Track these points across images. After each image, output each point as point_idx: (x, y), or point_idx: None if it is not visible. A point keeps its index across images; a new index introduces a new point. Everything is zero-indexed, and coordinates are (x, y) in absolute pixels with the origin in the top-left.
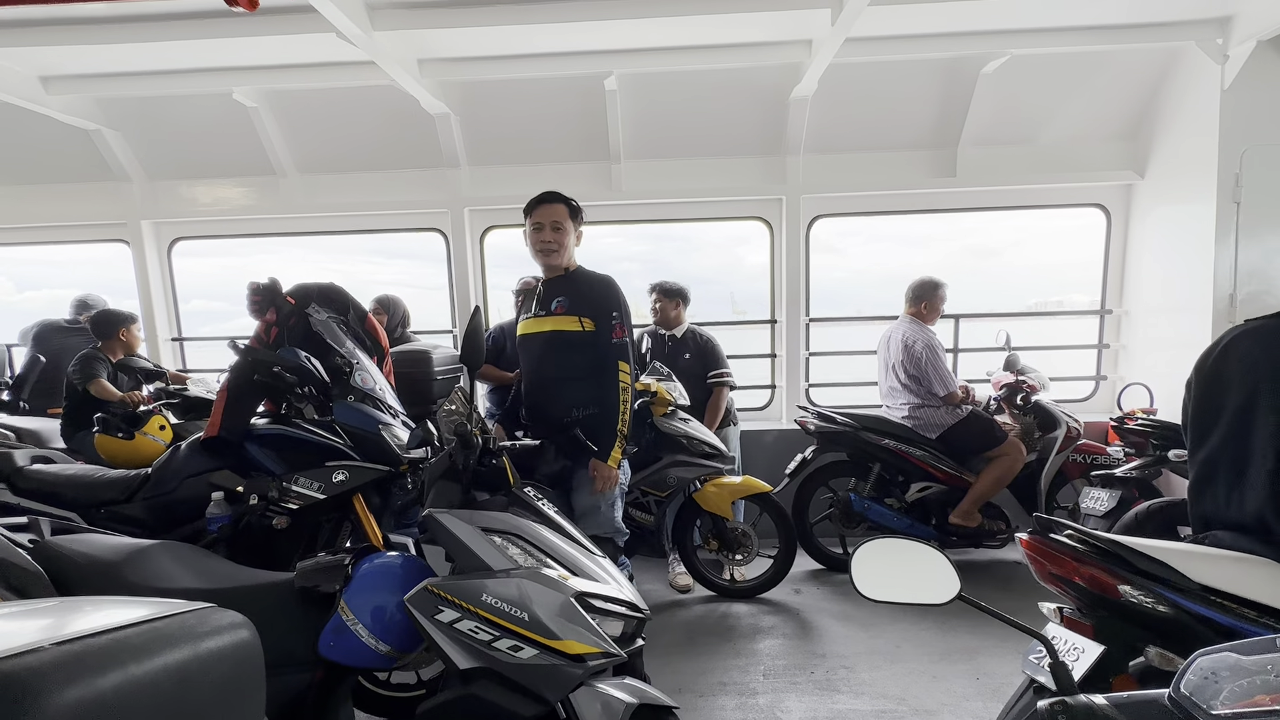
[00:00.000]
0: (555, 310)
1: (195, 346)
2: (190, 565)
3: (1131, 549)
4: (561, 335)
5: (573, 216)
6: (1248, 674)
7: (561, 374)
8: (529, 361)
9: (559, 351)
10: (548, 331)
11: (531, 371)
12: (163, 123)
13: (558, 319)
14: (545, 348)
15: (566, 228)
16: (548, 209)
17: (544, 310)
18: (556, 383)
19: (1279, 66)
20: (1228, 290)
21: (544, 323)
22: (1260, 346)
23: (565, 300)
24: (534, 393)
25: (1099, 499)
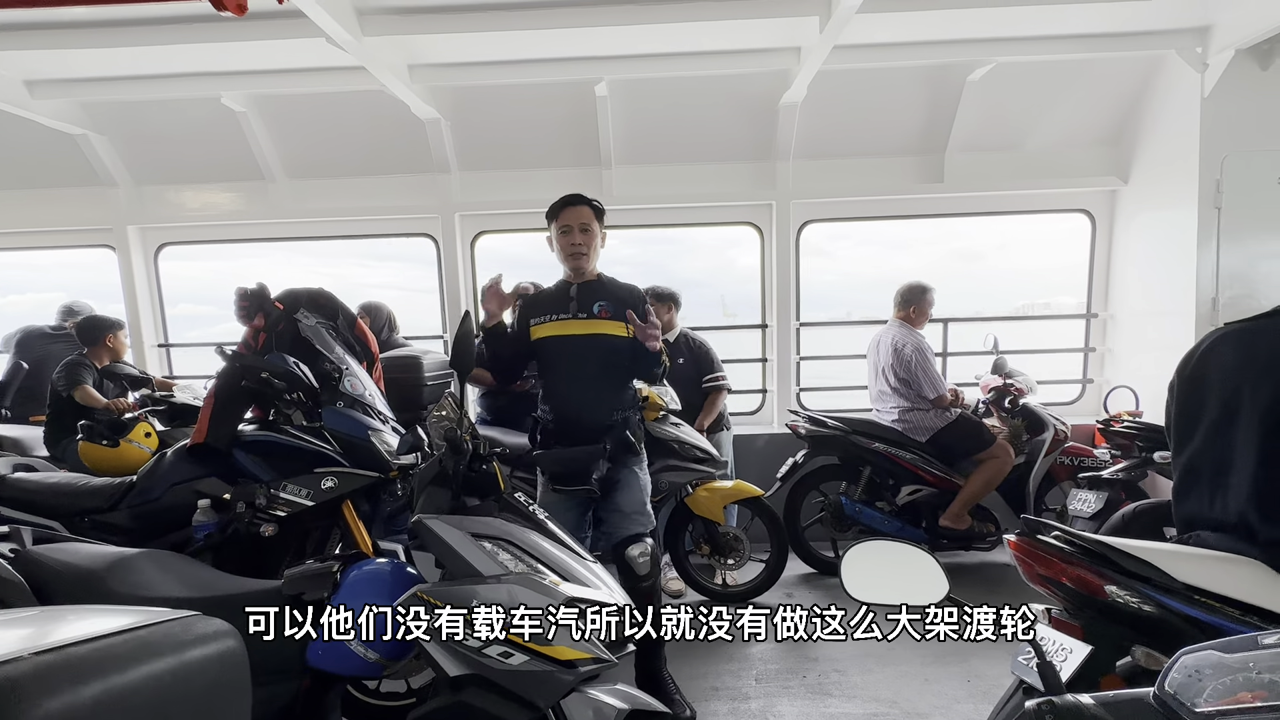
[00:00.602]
0: (600, 314)
1: (182, 352)
2: (175, 574)
3: (1117, 549)
4: (609, 339)
5: (598, 217)
6: (1230, 671)
7: (607, 376)
8: (566, 363)
9: (607, 354)
10: (594, 335)
11: (570, 373)
12: (150, 127)
13: (604, 323)
14: (590, 350)
15: (594, 230)
16: (574, 211)
17: (585, 313)
18: (601, 385)
19: (1257, 75)
20: (1210, 294)
21: (588, 325)
22: (1240, 349)
23: (609, 305)
24: (574, 394)
25: (1086, 501)
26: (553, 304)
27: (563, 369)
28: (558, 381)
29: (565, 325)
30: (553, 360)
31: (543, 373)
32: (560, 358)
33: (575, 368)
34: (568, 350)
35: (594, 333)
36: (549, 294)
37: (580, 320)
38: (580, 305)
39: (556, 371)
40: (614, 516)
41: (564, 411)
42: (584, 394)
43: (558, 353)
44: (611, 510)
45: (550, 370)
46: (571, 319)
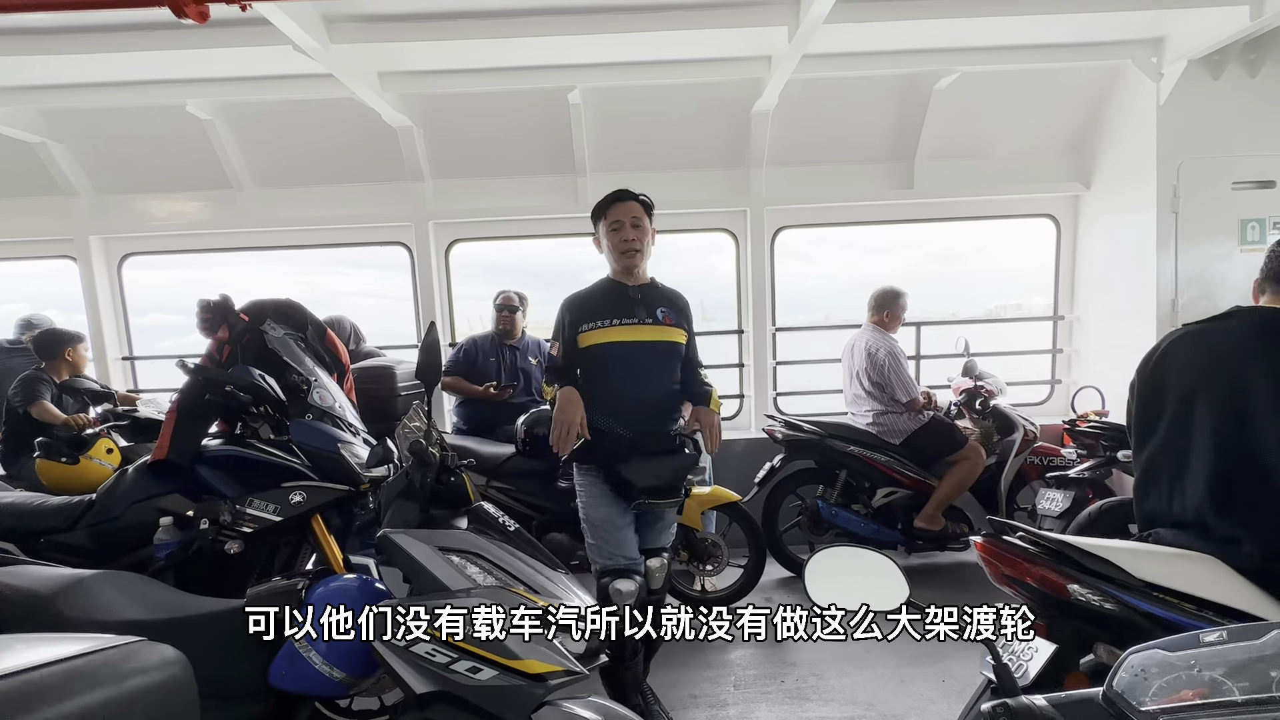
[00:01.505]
0: (665, 320)
1: (148, 365)
2: (134, 595)
3: (1079, 549)
4: (675, 347)
5: (648, 213)
6: (1174, 670)
7: (672, 384)
8: (636, 371)
9: (672, 362)
10: (661, 342)
11: (637, 380)
12: (112, 135)
13: (668, 329)
14: (660, 357)
15: (645, 225)
16: (624, 207)
17: (651, 318)
18: (669, 393)
19: (1209, 84)
20: (1170, 296)
21: (656, 331)
22: (1196, 350)
23: (671, 312)
24: (648, 402)
25: (1054, 500)
26: (612, 308)
27: (632, 377)
28: (625, 390)
29: (633, 331)
30: (617, 368)
31: (600, 381)
32: (629, 365)
33: (647, 376)
34: (638, 357)
35: (662, 340)
36: (600, 297)
37: (648, 326)
38: (647, 309)
39: (623, 380)
40: (655, 529)
41: (638, 422)
42: (656, 402)
43: (625, 360)
44: (654, 521)
45: (613, 378)
46: (639, 324)
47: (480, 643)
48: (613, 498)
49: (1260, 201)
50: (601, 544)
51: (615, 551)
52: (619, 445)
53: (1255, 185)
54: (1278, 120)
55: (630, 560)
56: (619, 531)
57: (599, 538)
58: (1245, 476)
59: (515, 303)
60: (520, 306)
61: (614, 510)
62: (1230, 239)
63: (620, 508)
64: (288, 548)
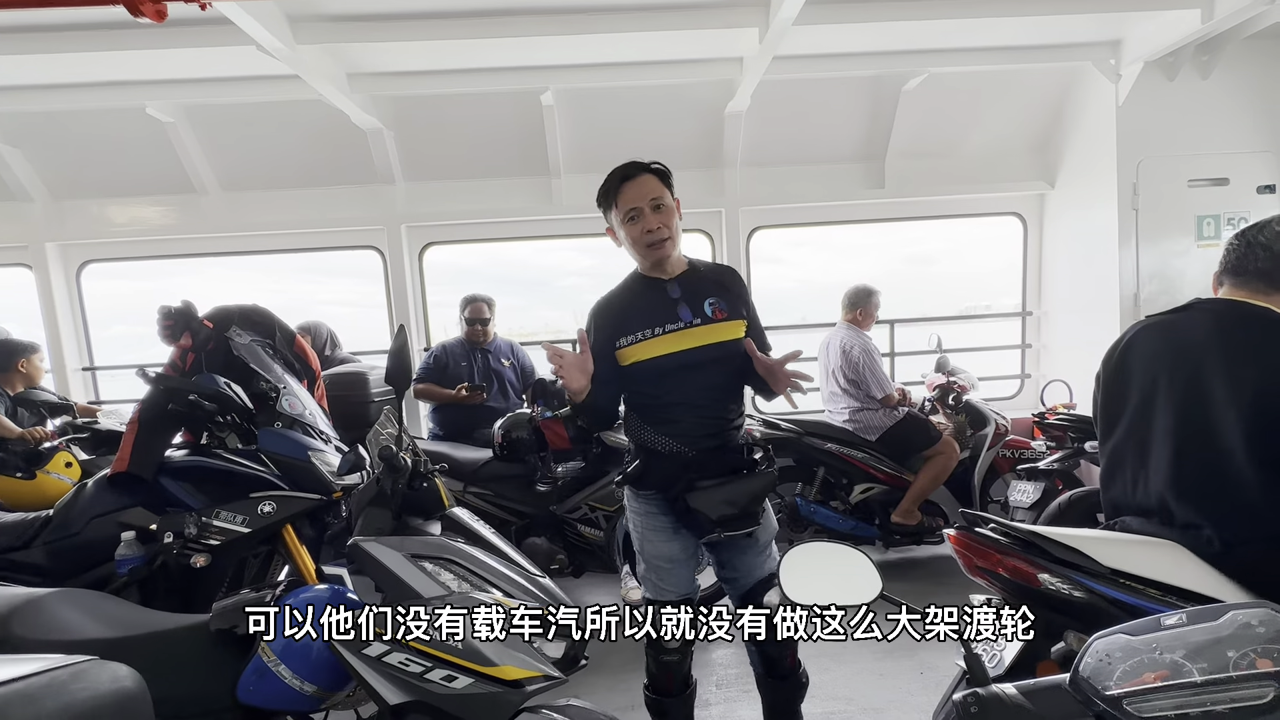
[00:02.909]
0: (715, 315)
1: (110, 376)
2: (93, 613)
3: (1048, 538)
4: (730, 346)
5: (668, 185)
6: (1137, 654)
7: (736, 395)
8: (684, 384)
9: (732, 364)
10: (717, 343)
11: (696, 394)
12: (68, 139)
13: (722, 326)
14: (715, 363)
15: (667, 203)
16: (636, 186)
17: (698, 317)
18: (730, 402)
19: (1165, 86)
20: (1132, 290)
21: (706, 333)
22: (1158, 341)
23: (721, 302)
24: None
25: (1025, 491)
26: (651, 314)
27: (689, 391)
28: (682, 407)
29: (679, 338)
30: (669, 384)
31: (650, 400)
32: (681, 379)
33: (705, 386)
34: (690, 368)
35: (717, 341)
36: (634, 302)
37: (696, 328)
38: (691, 308)
39: (677, 396)
40: (747, 557)
41: (699, 439)
42: (720, 414)
43: (676, 373)
44: (743, 549)
45: (665, 396)
46: (686, 328)
47: (455, 650)
48: (673, 531)
49: (1215, 198)
50: (657, 580)
51: (670, 588)
52: (680, 466)
53: (1210, 183)
54: (1229, 120)
55: (686, 595)
56: (681, 568)
57: (655, 574)
58: (1204, 464)
59: (485, 314)
60: (490, 315)
61: (676, 546)
62: (1188, 235)
63: (684, 542)
64: (258, 560)
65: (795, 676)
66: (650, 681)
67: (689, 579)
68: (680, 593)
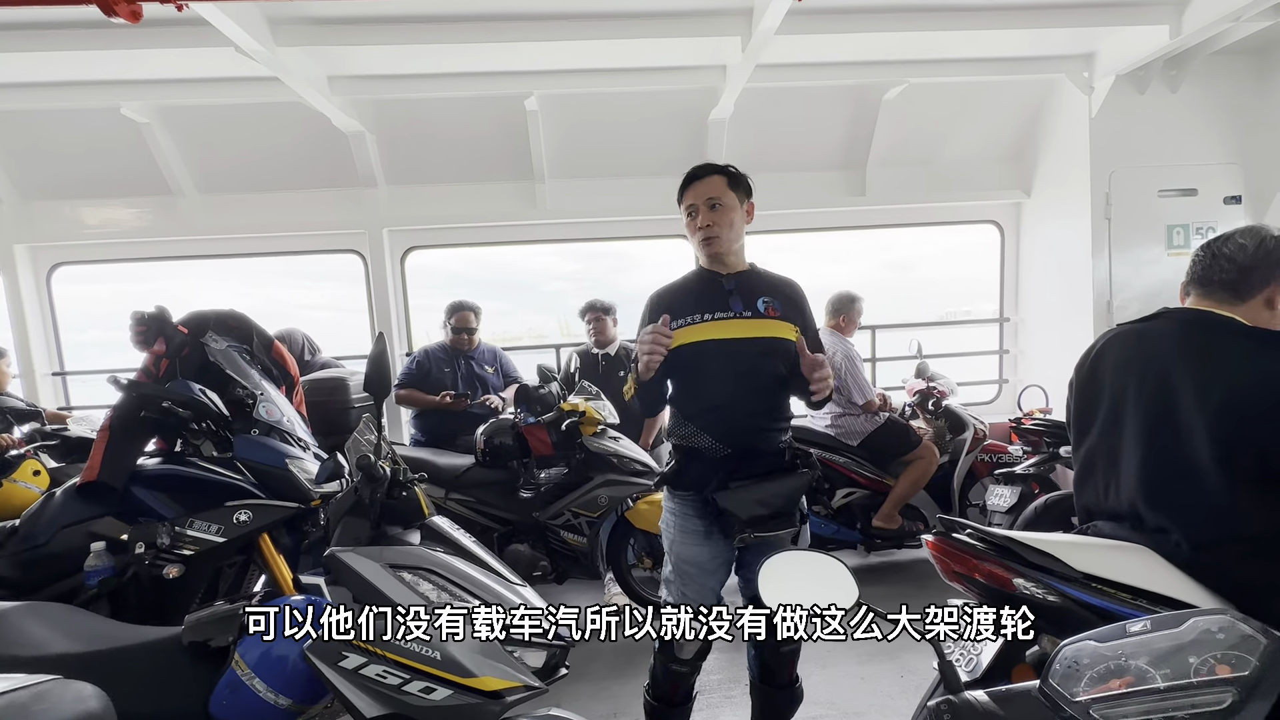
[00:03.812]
0: (767, 312)
1: (82, 381)
2: (60, 628)
3: (1022, 543)
4: (782, 344)
5: (734, 187)
6: (1104, 660)
7: (780, 390)
8: (726, 373)
9: (778, 362)
10: (765, 338)
11: (736, 385)
12: (39, 139)
13: (773, 323)
14: (762, 358)
15: (728, 203)
16: (700, 187)
17: (750, 310)
18: (775, 401)
19: (1135, 98)
20: (1105, 298)
21: (756, 326)
22: (1128, 349)
23: (776, 303)
24: (748, 413)
25: (1002, 496)
26: (702, 300)
27: (728, 382)
28: (722, 397)
29: (727, 326)
30: (709, 372)
31: (691, 387)
32: (724, 367)
33: (748, 379)
34: (734, 358)
35: (765, 335)
36: (689, 288)
37: (746, 320)
38: (745, 301)
39: (719, 385)
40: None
41: (737, 435)
42: (760, 412)
43: (720, 361)
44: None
45: (707, 384)
46: (735, 318)
47: (434, 661)
48: (705, 534)
49: (1184, 208)
50: (680, 584)
51: (694, 597)
52: (716, 465)
53: (1179, 193)
54: (1197, 133)
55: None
56: (708, 577)
57: (680, 578)
58: (1172, 469)
59: (472, 323)
60: (476, 325)
61: (706, 550)
62: (1158, 244)
63: (715, 549)
64: (233, 570)
65: (791, 689)
66: (653, 687)
67: (714, 590)
68: (701, 603)
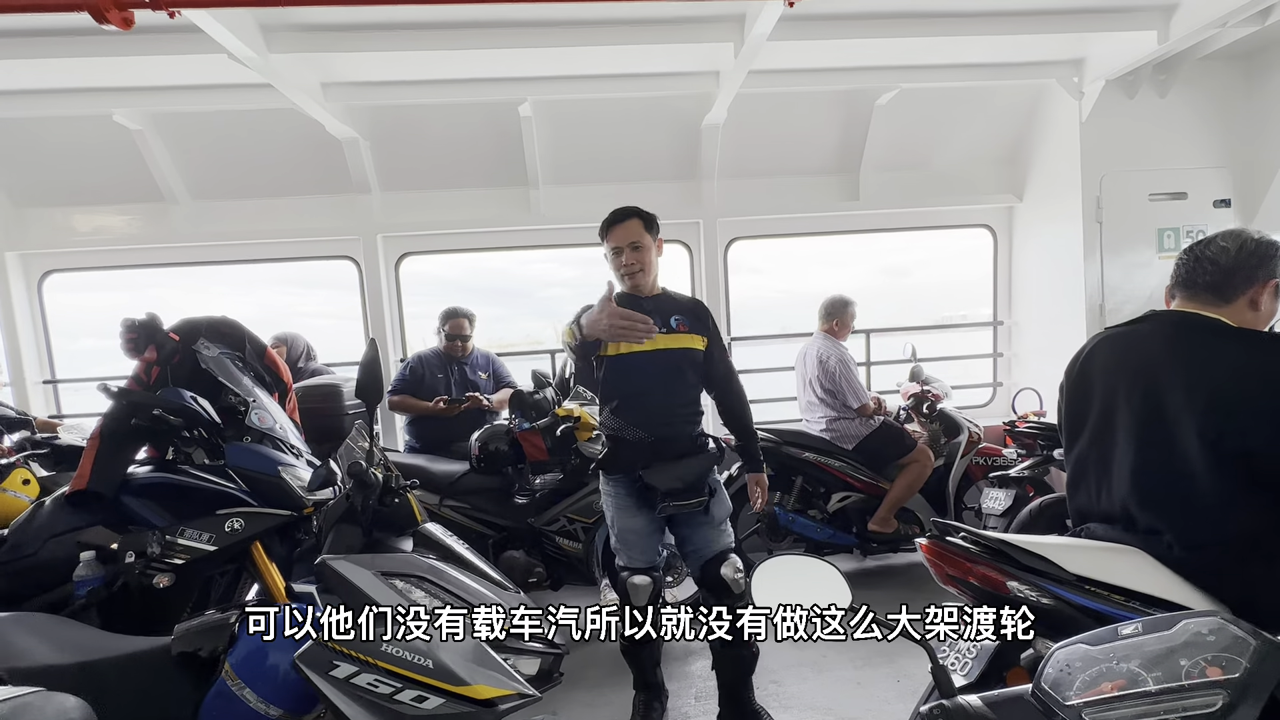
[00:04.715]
0: (679, 328)
1: (73, 389)
2: (48, 638)
3: (1016, 546)
4: (692, 354)
5: (649, 229)
6: (1096, 663)
7: (690, 392)
8: (654, 378)
9: (690, 369)
10: (679, 349)
11: (661, 387)
12: (30, 146)
13: (683, 336)
14: (677, 363)
15: (645, 243)
16: (621, 230)
17: (665, 327)
18: (688, 398)
19: (1125, 103)
20: (1097, 301)
21: (672, 339)
22: (1117, 352)
23: (686, 319)
24: (667, 408)
25: (997, 498)
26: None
27: (651, 384)
28: (645, 397)
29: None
30: (636, 376)
31: (618, 388)
32: (646, 373)
33: (666, 382)
34: (656, 365)
35: (679, 346)
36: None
37: (662, 335)
38: (660, 319)
39: (642, 386)
40: (703, 531)
41: (656, 427)
42: (675, 408)
43: (644, 368)
44: (699, 525)
45: (632, 385)
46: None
47: (426, 670)
48: (638, 507)
49: (1174, 212)
50: (625, 549)
51: (638, 556)
52: (641, 450)
53: (1169, 197)
54: (1187, 137)
55: (650, 564)
56: (645, 539)
57: (624, 544)
58: (1163, 471)
59: (466, 330)
60: (470, 332)
61: (640, 519)
62: (1149, 247)
63: (647, 517)
64: (224, 579)
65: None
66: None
67: (654, 550)
68: (647, 561)
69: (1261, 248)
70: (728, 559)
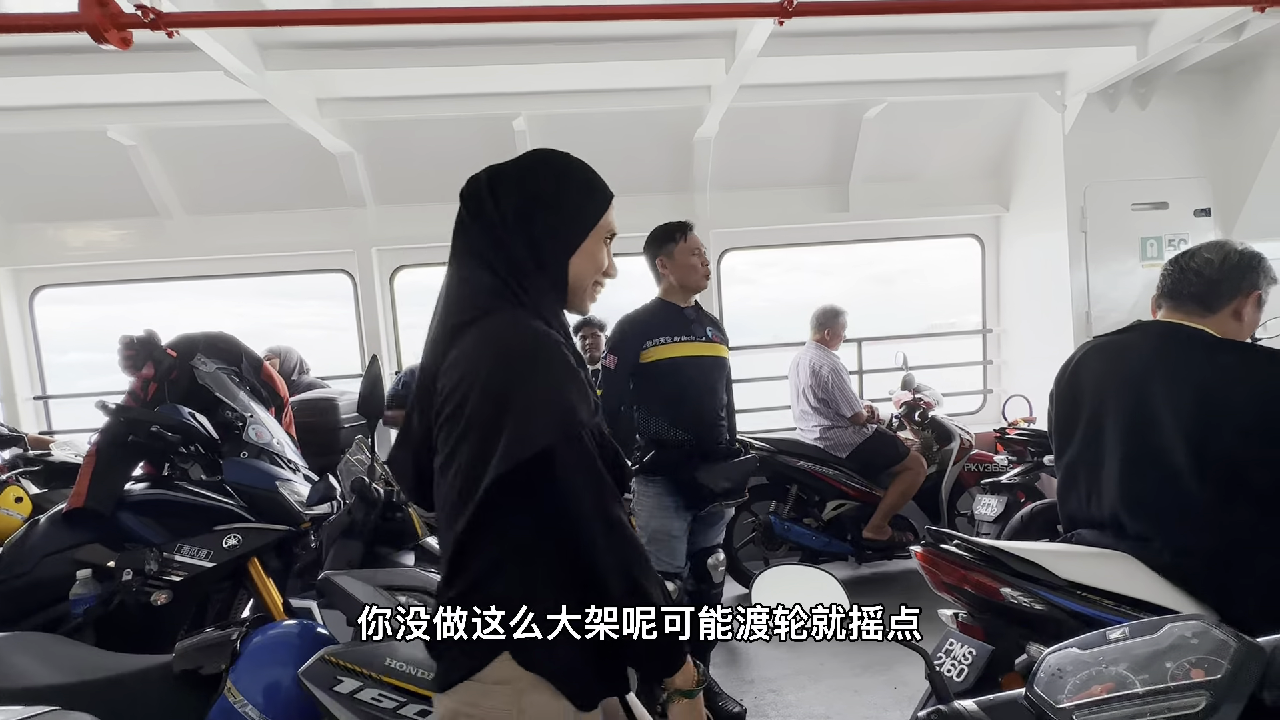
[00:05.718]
0: (713, 338)
1: (64, 405)
2: (45, 658)
3: (1008, 553)
4: (724, 362)
5: None
6: (1087, 667)
7: (723, 397)
8: (697, 383)
9: (723, 375)
10: (714, 357)
11: (699, 391)
12: (23, 161)
13: (719, 346)
14: (714, 371)
15: None
16: (695, 238)
17: (704, 336)
18: (721, 405)
19: (1106, 115)
20: (1083, 309)
21: (710, 348)
22: (1105, 361)
23: (717, 332)
24: (707, 411)
25: (989, 505)
26: (670, 325)
27: (694, 388)
28: (688, 400)
29: (692, 346)
30: (681, 380)
31: (664, 392)
32: (691, 377)
33: (706, 387)
34: (699, 370)
35: (716, 355)
36: (657, 316)
37: (704, 342)
38: (697, 328)
39: (685, 391)
40: (706, 526)
41: (701, 429)
42: (714, 411)
43: (688, 372)
44: (711, 522)
45: (678, 390)
46: (696, 341)
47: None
48: (673, 510)
49: (1156, 221)
50: (656, 551)
51: (667, 560)
52: (687, 452)
53: (1151, 206)
54: (1167, 147)
55: (677, 569)
56: (674, 542)
57: (654, 546)
58: (1151, 478)
59: None
60: None
61: (673, 522)
62: (1133, 256)
63: (679, 519)
64: (222, 595)
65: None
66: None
67: (682, 554)
68: (676, 565)
69: (1245, 259)
70: (715, 552)
